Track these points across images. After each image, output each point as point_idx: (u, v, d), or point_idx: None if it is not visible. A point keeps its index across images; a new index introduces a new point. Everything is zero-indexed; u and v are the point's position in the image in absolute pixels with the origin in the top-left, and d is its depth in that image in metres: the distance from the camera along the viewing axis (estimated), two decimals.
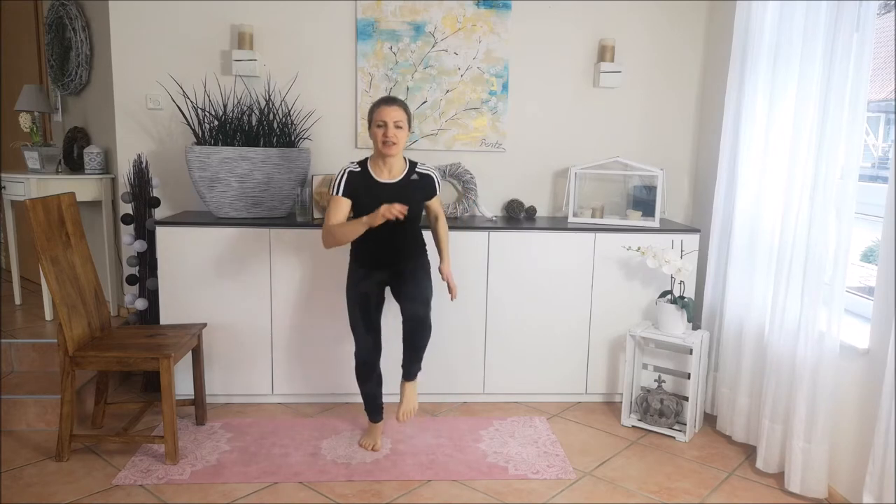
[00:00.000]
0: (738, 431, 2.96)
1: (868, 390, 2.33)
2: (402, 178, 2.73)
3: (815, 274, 2.46)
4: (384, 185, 2.70)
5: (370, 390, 2.88)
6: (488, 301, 3.31)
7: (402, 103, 2.69)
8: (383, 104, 2.66)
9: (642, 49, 3.68)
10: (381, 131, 2.63)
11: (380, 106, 2.66)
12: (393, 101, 2.67)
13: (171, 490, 2.53)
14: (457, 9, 3.57)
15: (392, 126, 2.63)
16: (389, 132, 2.63)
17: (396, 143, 2.64)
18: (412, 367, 2.81)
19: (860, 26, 2.30)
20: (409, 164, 2.77)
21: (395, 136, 2.63)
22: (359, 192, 2.70)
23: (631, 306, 3.35)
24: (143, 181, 3.32)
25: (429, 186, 2.79)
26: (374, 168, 2.72)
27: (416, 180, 2.75)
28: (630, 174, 3.59)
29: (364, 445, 2.87)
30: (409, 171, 2.75)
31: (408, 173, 2.75)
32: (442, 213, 2.91)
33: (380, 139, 2.64)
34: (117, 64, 3.55)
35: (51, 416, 2.99)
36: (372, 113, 2.68)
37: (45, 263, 2.62)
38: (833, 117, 2.40)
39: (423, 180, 2.77)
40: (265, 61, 3.56)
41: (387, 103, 2.66)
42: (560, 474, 2.70)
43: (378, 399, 2.91)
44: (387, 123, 2.62)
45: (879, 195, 2.44)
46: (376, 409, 2.91)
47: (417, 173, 2.76)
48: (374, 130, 2.67)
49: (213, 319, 3.21)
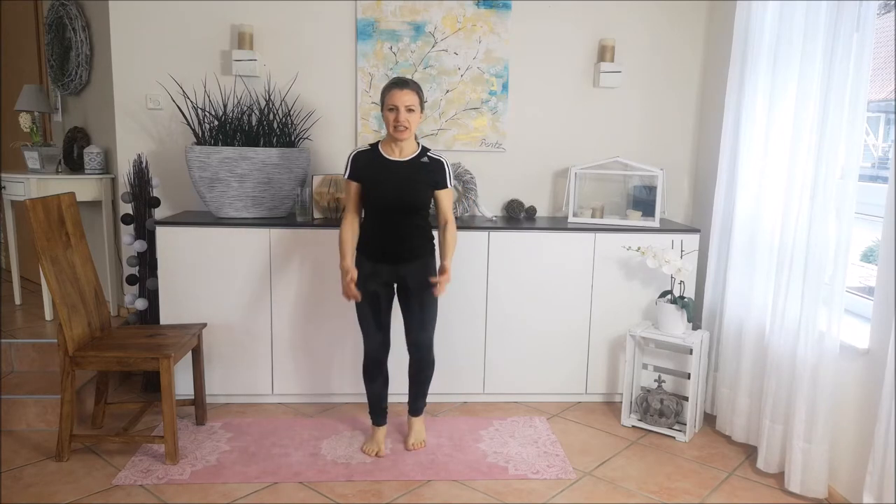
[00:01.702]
0: (738, 431, 2.96)
1: (868, 390, 2.33)
2: (413, 159, 2.69)
3: (815, 274, 2.46)
4: (392, 162, 2.67)
5: (376, 390, 2.86)
6: (488, 301, 3.31)
7: (414, 86, 2.62)
8: (395, 87, 2.59)
9: (642, 49, 3.68)
10: (393, 115, 2.59)
11: (391, 90, 2.59)
12: (405, 84, 2.60)
13: (171, 490, 2.53)
14: (457, 9, 3.57)
15: (404, 110, 2.58)
16: (401, 117, 2.58)
17: (408, 127, 2.61)
18: (418, 403, 2.91)
19: (860, 26, 2.30)
20: (421, 148, 2.72)
21: (406, 121, 2.59)
22: (367, 171, 2.68)
23: (631, 306, 3.35)
24: (143, 181, 3.32)
25: (438, 172, 2.70)
26: (385, 149, 2.70)
27: (425, 163, 2.70)
28: (630, 174, 3.59)
29: (367, 452, 2.84)
30: (420, 153, 2.71)
31: (418, 156, 2.70)
32: (452, 217, 2.76)
33: (391, 123, 2.60)
34: (117, 64, 3.55)
35: (51, 416, 2.99)
36: (384, 95, 2.62)
37: (45, 263, 2.62)
38: (833, 117, 2.39)
39: (433, 165, 2.70)
40: (265, 61, 3.56)
41: (398, 86, 2.59)
42: (560, 474, 2.70)
43: (383, 401, 2.89)
44: (398, 108, 2.58)
45: (879, 195, 2.44)
46: (380, 413, 2.89)
47: (429, 157, 2.71)
48: (385, 114, 2.63)
49: (213, 319, 3.21)
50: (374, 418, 2.89)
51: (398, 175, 2.65)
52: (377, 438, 2.87)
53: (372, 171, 2.68)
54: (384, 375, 2.86)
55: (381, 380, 2.86)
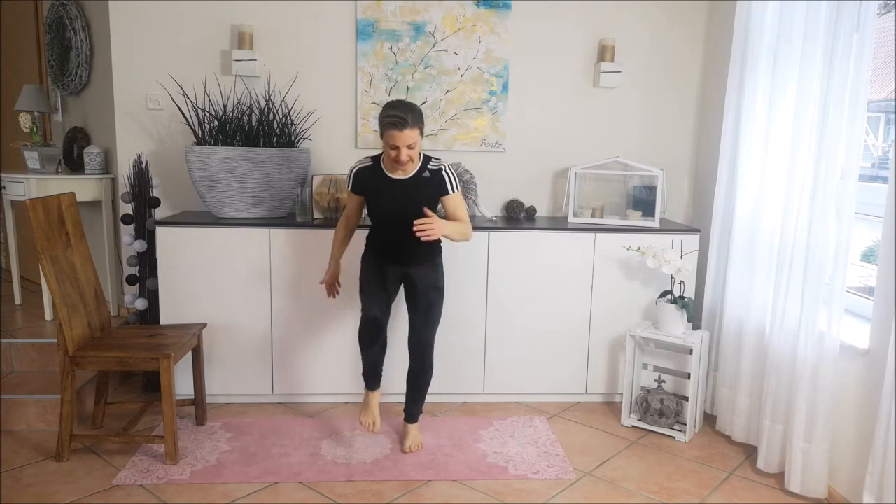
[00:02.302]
0: (738, 431, 2.96)
1: (868, 390, 2.33)
2: (414, 175, 2.67)
3: (815, 274, 2.46)
4: (395, 181, 2.66)
5: (374, 356, 2.81)
6: (488, 301, 3.31)
7: (413, 122, 2.51)
8: (394, 129, 2.49)
9: (642, 49, 3.68)
10: (395, 153, 2.55)
11: (390, 130, 2.50)
12: (404, 125, 2.48)
13: (171, 490, 2.53)
14: (457, 9, 3.57)
15: (405, 150, 2.54)
16: (402, 156, 2.54)
17: (410, 162, 2.60)
18: (414, 410, 2.91)
19: (860, 26, 2.30)
20: (422, 160, 2.68)
21: (408, 158, 2.55)
22: (369, 188, 2.69)
23: (631, 306, 3.35)
24: (143, 181, 3.32)
25: (440, 184, 2.66)
26: (387, 164, 2.68)
27: (427, 178, 2.67)
28: (630, 174, 3.59)
29: (363, 423, 2.83)
30: (421, 167, 2.67)
31: (420, 170, 2.67)
32: (468, 219, 2.73)
33: (392, 159, 2.57)
34: (117, 64, 3.55)
35: (51, 416, 2.99)
36: (383, 130, 2.54)
37: (45, 263, 2.62)
38: (833, 117, 2.39)
39: (434, 177, 2.67)
40: (265, 61, 3.56)
41: (398, 127, 2.48)
42: (560, 474, 2.70)
43: (378, 367, 2.85)
44: (399, 148, 2.54)
45: (879, 195, 2.44)
46: (375, 377, 2.85)
47: (429, 170, 2.67)
48: (386, 148, 2.59)
49: (213, 319, 3.21)
50: (368, 382, 2.86)
51: (400, 192, 2.65)
52: (371, 404, 2.85)
53: (373, 188, 2.68)
54: (382, 341, 2.82)
55: (379, 346, 2.82)
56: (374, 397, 2.88)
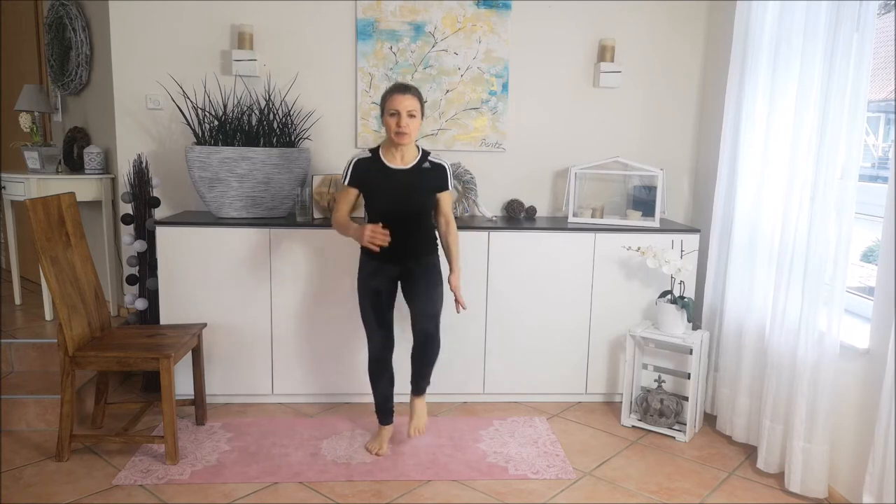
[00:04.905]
0: (738, 431, 2.96)
1: (868, 390, 2.34)
2: (414, 166, 2.69)
3: (815, 274, 2.46)
4: (395, 170, 2.67)
5: (383, 390, 2.85)
6: (488, 301, 3.31)
7: (415, 91, 2.63)
8: (396, 92, 2.60)
9: (642, 49, 3.68)
10: (394, 120, 2.59)
11: (392, 94, 2.60)
12: (406, 90, 2.60)
13: (171, 490, 2.53)
14: (457, 9, 3.57)
15: (405, 115, 2.58)
16: (402, 122, 2.58)
17: (409, 132, 2.61)
18: (421, 383, 2.87)
19: (860, 26, 2.30)
20: (421, 153, 2.73)
21: (407, 126, 2.59)
22: (369, 178, 2.68)
23: (631, 306, 3.35)
24: (143, 181, 3.32)
25: (440, 177, 2.73)
26: (386, 155, 2.69)
27: (427, 169, 2.70)
28: (630, 174, 3.59)
29: (370, 449, 2.84)
30: (421, 158, 2.71)
31: (420, 161, 2.71)
32: (452, 217, 2.83)
33: (392, 129, 2.60)
34: (117, 64, 3.55)
35: (51, 416, 2.99)
36: (384, 100, 2.63)
37: (45, 263, 2.62)
38: (833, 117, 2.39)
39: (435, 170, 2.72)
40: (265, 61, 3.56)
41: (400, 91, 2.60)
42: (560, 474, 2.70)
43: (389, 402, 2.88)
44: (399, 113, 2.58)
45: (879, 195, 2.44)
46: (387, 412, 2.88)
47: (430, 162, 2.72)
48: (386, 119, 2.63)
49: (213, 319, 3.21)
50: (382, 418, 2.88)
51: (401, 182, 2.66)
52: (382, 437, 2.87)
53: (373, 179, 2.68)
54: (389, 375, 2.85)
55: (387, 379, 2.85)
56: (386, 432, 2.88)
